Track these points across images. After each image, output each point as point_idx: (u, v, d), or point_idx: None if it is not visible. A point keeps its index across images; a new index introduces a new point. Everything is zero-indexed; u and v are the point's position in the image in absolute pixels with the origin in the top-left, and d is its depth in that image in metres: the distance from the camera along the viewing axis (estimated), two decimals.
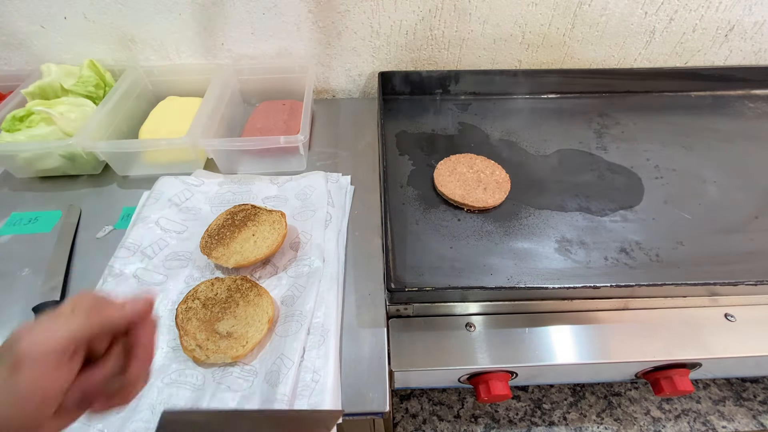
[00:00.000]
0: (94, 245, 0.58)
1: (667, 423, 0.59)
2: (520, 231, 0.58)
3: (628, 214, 0.60)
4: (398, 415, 0.60)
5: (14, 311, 0.51)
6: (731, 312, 0.52)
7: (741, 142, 0.72)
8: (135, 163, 0.67)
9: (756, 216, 0.60)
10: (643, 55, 0.83)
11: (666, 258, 0.55)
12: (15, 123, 0.64)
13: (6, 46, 0.76)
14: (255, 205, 0.57)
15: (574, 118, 0.77)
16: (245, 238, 0.54)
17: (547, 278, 0.53)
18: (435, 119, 0.77)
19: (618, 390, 0.63)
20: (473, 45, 0.80)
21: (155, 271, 0.53)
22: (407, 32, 0.78)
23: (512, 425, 0.59)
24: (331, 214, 0.60)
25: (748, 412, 0.60)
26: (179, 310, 0.48)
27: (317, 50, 0.80)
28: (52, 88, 0.70)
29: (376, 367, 0.46)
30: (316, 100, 0.85)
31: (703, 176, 0.66)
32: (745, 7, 0.77)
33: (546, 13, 0.76)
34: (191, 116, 0.66)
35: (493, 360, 0.48)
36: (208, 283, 0.50)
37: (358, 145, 0.73)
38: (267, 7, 0.73)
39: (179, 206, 0.61)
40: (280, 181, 0.65)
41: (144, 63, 0.80)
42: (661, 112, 0.79)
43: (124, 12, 0.73)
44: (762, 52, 0.84)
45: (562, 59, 0.83)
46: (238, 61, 0.80)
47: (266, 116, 0.74)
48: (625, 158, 0.69)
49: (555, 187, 0.64)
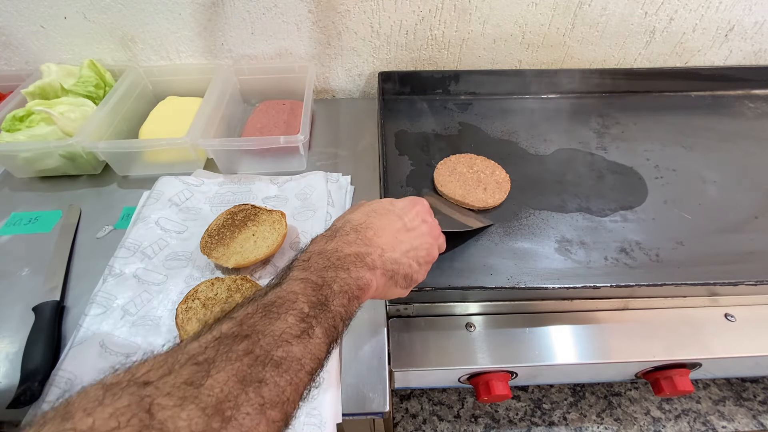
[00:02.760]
0: (94, 245, 0.58)
1: (667, 423, 0.59)
2: (520, 231, 0.58)
3: (628, 214, 0.60)
4: (398, 415, 0.60)
5: (14, 311, 0.51)
6: (731, 312, 0.52)
7: (741, 142, 0.72)
8: (135, 163, 0.67)
9: (756, 216, 0.60)
10: (643, 55, 0.83)
11: (666, 258, 0.55)
12: (15, 123, 0.64)
13: (6, 46, 0.76)
14: (255, 205, 0.57)
15: (574, 118, 0.77)
16: (245, 238, 0.54)
17: (547, 278, 0.53)
18: (435, 119, 0.77)
19: (618, 390, 0.63)
20: (473, 45, 0.80)
21: (155, 271, 0.53)
22: (407, 32, 0.78)
23: (512, 425, 0.59)
24: (331, 214, 0.60)
25: (748, 412, 0.60)
26: (179, 310, 0.48)
27: (317, 50, 0.80)
28: (52, 88, 0.70)
29: (376, 367, 0.46)
30: (316, 100, 0.85)
31: (703, 176, 0.66)
32: (745, 7, 0.77)
33: (546, 13, 0.76)
34: (191, 116, 0.66)
35: (493, 360, 0.48)
36: (208, 283, 0.50)
37: (358, 145, 0.73)
38: (267, 7, 0.73)
39: (179, 206, 0.61)
40: (280, 181, 0.65)
41: (144, 63, 0.80)
42: (661, 112, 0.79)
43: (124, 12, 0.73)
44: (762, 52, 0.84)
45: (562, 59, 0.83)
46: (238, 61, 0.80)
47: (266, 116, 0.74)
48: (625, 158, 0.69)
49: (555, 187, 0.64)
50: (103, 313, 0.49)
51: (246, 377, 0.23)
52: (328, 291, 0.31)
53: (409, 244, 0.39)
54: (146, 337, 0.47)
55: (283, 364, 0.25)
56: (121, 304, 0.50)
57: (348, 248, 0.34)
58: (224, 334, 0.25)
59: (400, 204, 0.42)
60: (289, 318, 0.27)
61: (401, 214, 0.40)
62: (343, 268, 0.33)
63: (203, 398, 0.22)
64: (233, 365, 0.24)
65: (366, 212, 0.40)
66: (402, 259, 0.37)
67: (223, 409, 0.22)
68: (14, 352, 0.47)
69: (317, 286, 0.31)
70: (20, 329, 0.48)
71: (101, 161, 0.68)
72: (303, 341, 0.27)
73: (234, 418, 0.22)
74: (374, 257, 0.35)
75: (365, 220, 0.38)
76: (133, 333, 0.47)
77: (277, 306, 0.28)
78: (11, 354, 0.47)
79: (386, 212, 0.40)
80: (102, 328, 0.48)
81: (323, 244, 0.35)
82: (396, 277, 0.37)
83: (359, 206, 0.42)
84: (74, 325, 0.48)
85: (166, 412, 0.21)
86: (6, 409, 0.41)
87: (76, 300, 0.52)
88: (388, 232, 0.38)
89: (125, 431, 0.19)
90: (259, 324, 0.26)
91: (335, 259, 0.33)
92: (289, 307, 0.28)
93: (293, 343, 0.26)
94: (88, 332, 0.47)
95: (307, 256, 0.33)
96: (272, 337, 0.26)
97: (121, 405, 0.20)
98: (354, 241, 0.35)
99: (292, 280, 0.31)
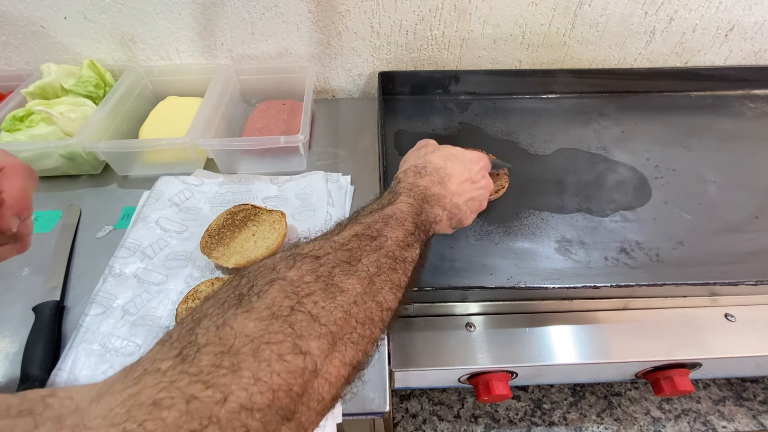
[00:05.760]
0: (94, 245, 0.58)
1: (667, 423, 0.59)
2: (520, 231, 0.58)
3: (628, 214, 0.60)
4: (398, 415, 0.60)
5: (14, 311, 0.50)
6: (731, 312, 0.52)
7: (741, 142, 0.72)
8: (135, 163, 0.67)
9: (756, 216, 0.60)
10: (643, 55, 0.83)
11: (666, 258, 0.55)
12: (15, 123, 0.64)
13: (6, 46, 0.76)
14: (255, 205, 0.57)
15: (574, 118, 0.77)
16: (245, 238, 0.54)
17: (547, 278, 0.53)
18: (435, 119, 0.77)
19: (618, 390, 0.63)
20: (473, 45, 0.80)
21: (155, 271, 0.53)
22: (407, 32, 0.78)
23: (512, 425, 0.59)
24: (331, 214, 0.60)
25: (748, 412, 0.60)
26: (179, 310, 0.48)
27: (317, 50, 0.80)
28: (52, 88, 0.70)
29: (376, 367, 0.46)
30: (316, 100, 0.85)
31: (703, 176, 0.66)
32: (745, 7, 0.77)
33: (546, 13, 0.76)
34: (191, 116, 0.66)
35: (493, 360, 0.48)
36: (208, 282, 0.50)
37: (358, 145, 0.73)
38: (267, 7, 0.73)
39: (179, 206, 0.61)
40: (280, 181, 0.65)
41: (144, 63, 0.80)
42: (661, 112, 0.79)
43: (124, 12, 0.73)
44: (762, 52, 0.84)
45: (562, 59, 0.83)
46: (238, 61, 0.80)
47: (266, 116, 0.74)
48: (625, 158, 0.69)
49: (555, 187, 0.64)
50: (103, 313, 0.49)
51: (382, 265, 0.32)
52: (422, 217, 0.39)
53: (470, 194, 0.46)
54: (146, 337, 0.47)
55: (400, 260, 0.34)
56: (121, 304, 0.50)
57: (433, 188, 0.43)
58: (359, 233, 0.34)
59: (469, 156, 0.49)
60: (401, 230, 0.36)
61: (470, 167, 0.48)
62: (429, 203, 0.41)
63: (360, 273, 0.30)
64: (373, 254, 0.32)
65: (444, 156, 0.47)
66: (462, 206, 0.45)
67: (374, 281, 0.31)
68: (14, 352, 0.47)
69: (417, 212, 0.39)
70: (20, 329, 0.48)
71: (101, 161, 0.68)
72: (409, 250, 0.36)
73: (380, 290, 0.31)
74: (447, 201, 0.43)
75: (444, 164, 0.46)
76: (133, 333, 0.47)
77: (394, 219, 0.36)
78: (11, 354, 0.47)
79: (459, 162, 0.47)
80: (102, 328, 0.48)
81: (417, 179, 0.43)
82: (453, 220, 0.45)
83: (432, 147, 0.50)
84: (74, 325, 0.48)
85: (338, 278, 0.29)
86: None
87: (76, 300, 0.52)
88: (457, 180, 0.45)
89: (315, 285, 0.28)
90: (384, 230, 0.35)
91: (427, 195, 0.42)
92: (402, 222, 0.36)
93: (405, 249, 0.35)
94: (88, 332, 0.47)
95: (409, 186, 0.42)
96: (393, 240, 0.34)
97: (306, 268, 0.29)
98: (437, 182, 0.44)
99: (402, 203, 0.39)
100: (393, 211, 0.37)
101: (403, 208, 0.38)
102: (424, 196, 0.41)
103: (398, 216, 0.37)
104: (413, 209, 0.39)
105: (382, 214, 0.37)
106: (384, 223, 0.36)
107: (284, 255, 0.30)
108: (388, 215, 0.37)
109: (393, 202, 0.39)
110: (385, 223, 0.36)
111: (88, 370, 0.44)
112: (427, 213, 0.40)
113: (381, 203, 0.39)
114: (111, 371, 0.44)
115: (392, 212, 0.37)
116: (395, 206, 0.38)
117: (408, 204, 0.39)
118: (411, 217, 0.38)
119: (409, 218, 0.37)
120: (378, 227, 0.35)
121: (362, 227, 0.34)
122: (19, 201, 0.33)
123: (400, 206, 0.38)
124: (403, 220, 0.37)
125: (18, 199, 0.33)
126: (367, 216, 0.36)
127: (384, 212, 0.37)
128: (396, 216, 0.37)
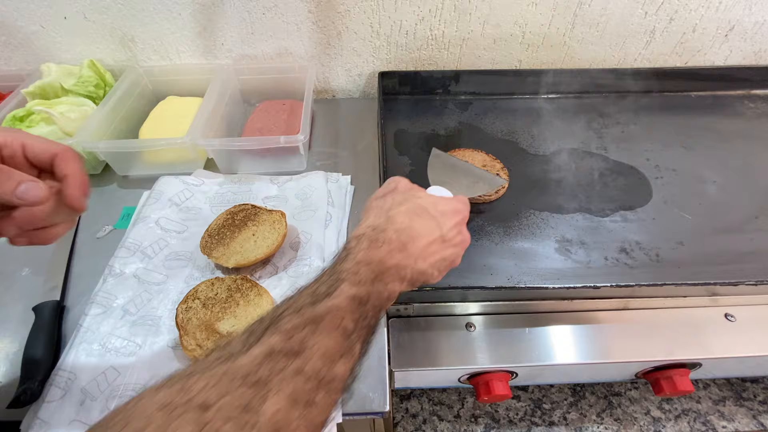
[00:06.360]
0: (94, 245, 0.58)
1: (667, 423, 0.59)
2: (520, 231, 0.58)
3: (628, 214, 0.60)
4: (398, 415, 0.60)
5: (14, 311, 0.51)
6: (731, 312, 0.52)
7: (741, 142, 0.72)
8: (135, 163, 0.67)
9: (756, 216, 0.60)
10: (643, 55, 0.83)
11: (666, 258, 0.55)
12: (15, 123, 0.64)
13: (6, 46, 0.76)
14: (255, 205, 0.57)
15: (574, 118, 0.77)
16: (245, 238, 0.54)
17: (547, 278, 0.53)
18: (435, 119, 0.77)
19: (618, 390, 0.63)
20: (473, 45, 0.80)
21: (155, 271, 0.53)
22: (407, 32, 0.78)
23: (512, 425, 0.59)
24: (332, 214, 0.60)
25: (748, 412, 0.60)
26: (179, 309, 0.48)
27: (317, 50, 0.80)
28: (52, 88, 0.70)
29: (376, 367, 0.46)
30: (316, 100, 0.85)
31: (703, 176, 0.66)
32: (745, 7, 0.77)
33: (546, 13, 0.76)
34: (191, 116, 0.66)
35: (493, 360, 0.48)
36: (208, 282, 0.50)
37: (358, 145, 0.73)
38: (267, 7, 0.73)
39: (179, 206, 0.61)
40: (280, 181, 0.65)
41: (144, 63, 0.80)
42: (661, 112, 0.79)
43: (124, 12, 0.73)
44: (762, 52, 0.84)
45: (562, 59, 0.83)
46: (238, 61, 0.80)
47: (266, 116, 0.74)
48: (626, 158, 0.69)
49: (555, 187, 0.64)
50: (103, 312, 0.49)
51: (298, 399, 0.26)
52: (369, 306, 0.32)
53: (440, 255, 0.39)
54: (146, 337, 0.47)
55: (331, 384, 0.28)
56: (121, 304, 0.50)
57: (392, 259, 0.35)
58: (275, 349, 0.27)
59: (444, 208, 0.41)
60: (334, 336, 0.29)
61: (442, 223, 0.40)
62: (383, 282, 0.34)
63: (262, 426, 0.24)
64: (287, 386, 0.26)
65: (411, 211, 0.39)
66: (428, 270, 0.38)
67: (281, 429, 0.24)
68: (14, 352, 0.47)
69: (363, 301, 0.32)
70: (20, 329, 0.48)
71: (101, 161, 0.68)
72: (346, 359, 0.29)
73: None
74: (408, 270, 0.36)
75: (410, 223, 0.38)
76: (133, 333, 0.47)
77: (327, 322, 0.29)
78: (11, 354, 0.47)
79: (430, 217, 0.40)
80: (102, 327, 0.48)
81: (371, 251, 0.35)
82: (414, 284, 0.38)
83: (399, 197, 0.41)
84: (74, 325, 0.48)
85: None
86: (6, 409, 0.41)
87: (76, 300, 0.52)
88: (425, 241, 0.38)
89: None
90: (310, 340, 0.28)
91: (379, 272, 0.34)
92: (337, 324, 0.30)
93: (338, 362, 0.29)
94: (88, 332, 0.47)
95: (356, 267, 0.33)
96: (320, 355, 0.28)
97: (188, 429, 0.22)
98: (397, 249, 0.36)
99: (342, 295, 0.31)
100: (328, 308, 0.30)
101: (341, 303, 0.31)
102: (378, 273, 0.34)
103: (333, 315, 0.30)
104: (356, 301, 0.31)
105: (314, 314, 0.29)
106: (312, 330, 0.29)
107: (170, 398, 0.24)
108: (320, 316, 0.29)
109: (330, 293, 0.31)
110: (313, 331, 0.29)
111: (89, 370, 0.44)
112: (379, 294, 0.33)
113: (316, 293, 0.31)
114: (111, 371, 0.44)
115: (326, 310, 0.30)
116: (332, 301, 0.31)
117: (349, 297, 0.31)
118: (351, 314, 0.31)
119: (349, 315, 0.31)
120: (302, 337, 0.28)
121: (281, 339, 0.28)
122: (84, 182, 0.34)
123: (337, 301, 0.31)
124: (339, 321, 0.30)
125: (83, 181, 0.34)
126: (293, 316, 0.29)
127: (316, 311, 0.30)
128: (330, 316, 0.30)
